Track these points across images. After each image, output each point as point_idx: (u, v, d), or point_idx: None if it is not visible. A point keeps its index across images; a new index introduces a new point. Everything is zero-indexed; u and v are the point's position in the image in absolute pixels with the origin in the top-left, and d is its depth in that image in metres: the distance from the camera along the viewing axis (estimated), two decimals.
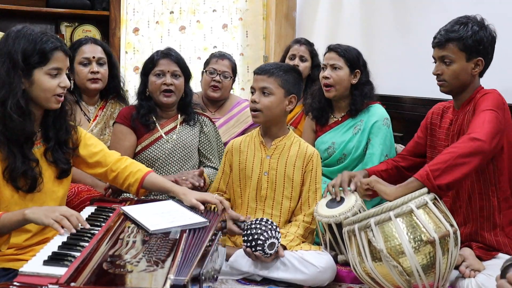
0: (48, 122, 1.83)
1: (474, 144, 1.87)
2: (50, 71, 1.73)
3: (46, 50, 1.71)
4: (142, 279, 1.29)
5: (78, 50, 2.70)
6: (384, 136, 2.66)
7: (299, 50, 3.30)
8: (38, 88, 1.73)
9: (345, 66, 2.72)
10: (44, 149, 1.83)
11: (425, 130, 2.32)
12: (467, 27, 2.04)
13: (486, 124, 1.91)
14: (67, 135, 1.87)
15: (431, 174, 1.86)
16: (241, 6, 4.62)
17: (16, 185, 1.72)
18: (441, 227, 1.78)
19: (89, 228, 1.59)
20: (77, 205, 2.31)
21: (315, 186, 2.36)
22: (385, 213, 1.80)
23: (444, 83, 2.12)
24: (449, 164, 1.86)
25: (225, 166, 2.47)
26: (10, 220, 1.61)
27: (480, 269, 1.92)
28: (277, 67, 2.33)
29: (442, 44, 2.08)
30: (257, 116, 2.32)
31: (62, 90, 1.76)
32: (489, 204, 2.06)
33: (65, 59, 1.77)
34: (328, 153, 2.78)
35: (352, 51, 2.76)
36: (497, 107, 1.98)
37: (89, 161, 1.97)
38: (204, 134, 2.74)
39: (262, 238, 2.07)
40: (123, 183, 1.99)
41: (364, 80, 2.76)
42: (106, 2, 3.79)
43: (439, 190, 1.87)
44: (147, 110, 2.57)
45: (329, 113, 2.86)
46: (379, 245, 1.77)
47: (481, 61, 2.06)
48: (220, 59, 3.15)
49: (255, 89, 2.32)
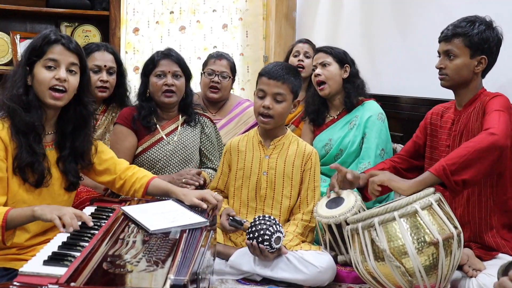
0: (65, 128, 1.85)
1: (491, 138, 1.84)
2: (46, 62, 1.76)
3: (43, 43, 1.76)
4: (142, 279, 1.29)
5: (90, 56, 2.68)
6: (379, 130, 2.69)
7: (303, 47, 3.35)
8: (36, 82, 1.77)
9: (334, 62, 2.80)
10: (58, 156, 1.85)
11: (424, 131, 2.32)
12: (474, 24, 2.06)
13: (501, 122, 1.90)
14: (84, 147, 1.89)
15: (448, 168, 1.83)
16: (241, 6, 4.62)
17: (24, 177, 1.74)
18: (445, 229, 1.77)
19: (89, 228, 1.59)
20: (77, 205, 2.30)
21: (314, 184, 2.37)
22: (390, 213, 1.79)
23: (445, 77, 2.12)
24: (466, 158, 1.82)
25: (223, 166, 2.47)
26: (19, 215, 1.63)
27: (481, 269, 1.92)
28: (287, 72, 2.30)
29: (448, 38, 2.09)
30: (268, 122, 2.31)
31: (57, 82, 1.76)
32: (486, 206, 2.05)
33: (65, 53, 1.78)
34: (325, 150, 2.80)
35: (339, 49, 2.86)
36: (507, 108, 1.98)
37: (99, 168, 1.99)
38: (206, 135, 2.74)
39: (268, 233, 2.10)
40: (130, 190, 2.00)
41: (354, 73, 2.82)
42: (106, 2, 3.79)
43: (456, 185, 1.83)
44: (148, 112, 2.57)
45: (325, 113, 2.89)
46: (382, 245, 1.77)
47: (484, 59, 2.06)
48: (218, 60, 3.13)
49: (266, 93, 2.29)
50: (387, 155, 2.68)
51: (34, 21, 3.81)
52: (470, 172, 1.83)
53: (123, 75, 2.82)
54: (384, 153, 2.67)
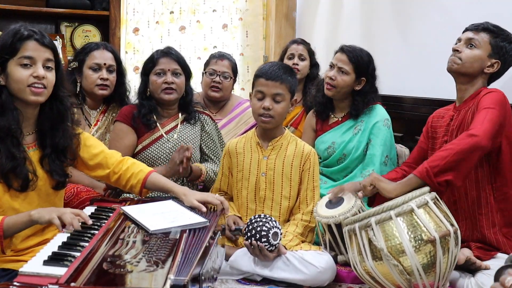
0: (44, 126, 1.79)
1: (471, 140, 1.90)
2: (21, 60, 1.67)
3: (15, 39, 1.67)
4: (142, 279, 1.29)
5: (90, 55, 2.68)
6: (384, 137, 2.65)
7: (297, 49, 3.29)
8: (12, 81, 1.68)
9: (352, 73, 2.68)
10: (41, 156, 1.79)
11: (427, 135, 2.34)
12: (504, 32, 2.12)
13: (485, 121, 1.94)
14: (65, 143, 1.81)
15: (431, 170, 1.89)
16: (241, 6, 4.62)
17: (8, 183, 1.68)
18: (441, 227, 1.79)
19: (89, 228, 1.59)
20: (77, 205, 2.30)
21: (313, 184, 2.37)
22: (386, 212, 1.81)
23: (457, 60, 2.14)
24: (447, 160, 1.89)
25: (223, 168, 2.48)
26: (15, 223, 1.61)
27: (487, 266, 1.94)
28: (285, 72, 2.30)
29: (478, 30, 2.13)
30: (269, 122, 2.31)
31: (35, 80, 1.69)
32: (487, 202, 2.07)
33: (38, 49, 1.69)
34: (328, 152, 2.77)
35: (364, 58, 2.70)
36: (499, 105, 2.00)
37: (90, 163, 1.93)
38: (206, 133, 2.73)
39: (265, 229, 2.11)
40: (126, 184, 1.97)
41: (367, 88, 2.72)
42: (106, 2, 3.80)
43: (439, 186, 1.89)
44: (148, 110, 2.57)
45: (329, 111, 2.85)
46: (379, 244, 1.78)
47: (497, 64, 2.11)
48: (220, 60, 3.13)
49: (265, 94, 2.28)
50: (391, 162, 2.65)
51: (34, 21, 3.81)
52: (453, 172, 1.89)
53: (123, 74, 2.82)
54: (388, 159, 2.64)
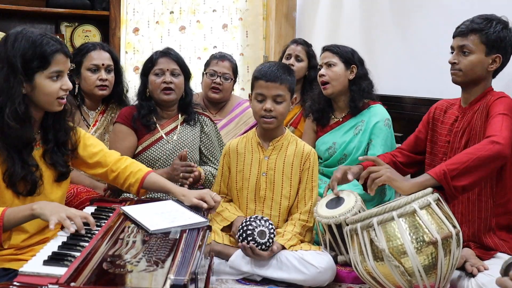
0: (47, 123, 1.81)
1: (494, 147, 1.85)
2: (52, 74, 1.69)
3: (46, 53, 1.66)
4: (142, 279, 1.29)
5: (87, 56, 2.68)
6: (385, 137, 2.66)
7: (295, 49, 3.28)
8: (40, 93, 1.69)
9: (340, 62, 2.74)
10: (43, 151, 1.81)
11: (427, 125, 2.31)
12: (492, 22, 2.04)
13: (504, 128, 1.90)
14: (66, 136, 1.85)
15: (448, 173, 1.85)
16: (241, 6, 4.62)
17: (16, 189, 1.71)
18: (443, 228, 1.78)
19: (89, 228, 1.59)
20: (77, 206, 2.30)
21: (312, 184, 2.37)
22: (388, 213, 1.80)
23: (458, 73, 2.09)
24: (467, 165, 1.84)
25: (223, 169, 2.47)
26: (16, 215, 1.60)
27: (483, 268, 1.92)
28: (283, 72, 2.30)
29: (464, 34, 2.06)
30: (272, 122, 2.31)
31: (64, 93, 1.73)
32: (487, 207, 2.05)
33: (66, 61, 1.73)
34: (328, 153, 2.78)
35: (346, 48, 2.79)
36: (511, 111, 1.98)
37: (89, 161, 1.96)
38: (205, 134, 2.74)
39: (251, 228, 2.14)
40: (124, 183, 1.98)
41: (361, 74, 2.76)
42: (106, 2, 3.80)
43: (455, 191, 1.85)
44: (148, 111, 2.57)
45: (329, 114, 2.85)
46: (381, 245, 1.77)
47: (499, 58, 2.05)
48: (221, 61, 3.11)
49: (265, 96, 2.28)
50: None
51: (34, 21, 3.81)
52: (470, 178, 1.85)
53: (120, 73, 2.82)
54: None
